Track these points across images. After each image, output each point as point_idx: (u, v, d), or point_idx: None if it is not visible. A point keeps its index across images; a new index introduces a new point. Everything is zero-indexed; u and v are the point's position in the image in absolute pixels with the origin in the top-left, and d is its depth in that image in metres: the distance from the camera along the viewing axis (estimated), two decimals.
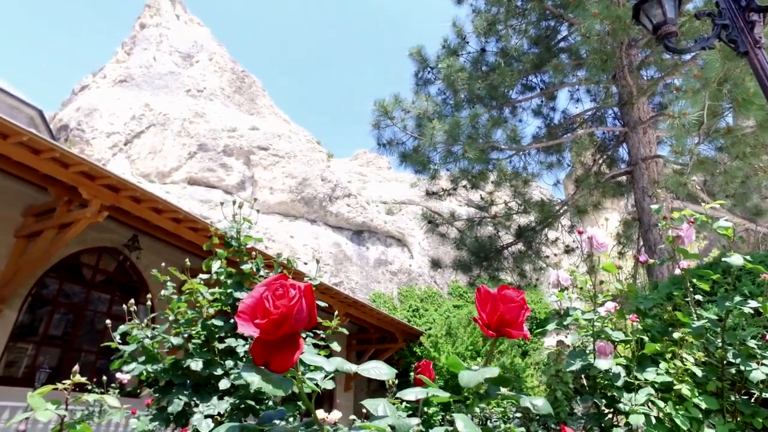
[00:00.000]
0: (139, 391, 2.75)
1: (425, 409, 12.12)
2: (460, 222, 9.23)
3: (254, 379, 0.67)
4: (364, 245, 20.91)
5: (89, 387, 8.14)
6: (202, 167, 18.86)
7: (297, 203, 19.53)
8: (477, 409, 3.75)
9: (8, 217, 9.21)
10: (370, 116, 7.62)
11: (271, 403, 2.63)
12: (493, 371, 0.80)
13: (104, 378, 4.91)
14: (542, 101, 9.81)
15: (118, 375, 5.15)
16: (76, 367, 1.73)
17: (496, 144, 7.49)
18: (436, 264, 9.70)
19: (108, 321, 2.73)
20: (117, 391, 5.06)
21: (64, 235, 8.51)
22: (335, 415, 3.80)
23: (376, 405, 0.95)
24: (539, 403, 0.86)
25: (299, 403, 2.87)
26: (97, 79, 24.61)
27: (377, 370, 0.86)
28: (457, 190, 8.93)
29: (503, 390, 0.96)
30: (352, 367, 0.84)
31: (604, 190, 7.67)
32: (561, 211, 8.30)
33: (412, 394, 0.87)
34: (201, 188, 18.37)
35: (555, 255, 9.06)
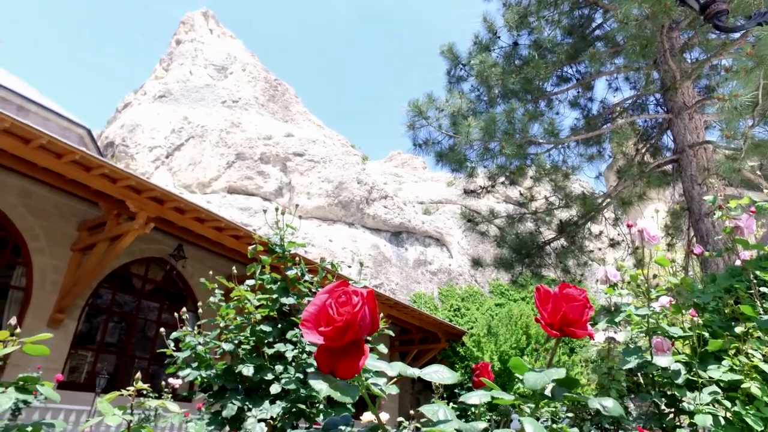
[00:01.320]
0: (193, 395, 2.82)
1: (472, 409, 12.00)
2: (499, 219, 9.09)
3: (322, 387, 0.68)
4: (402, 246, 20.91)
5: (144, 392, 8.44)
6: (241, 176, 19.30)
7: (334, 207, 19.72)
8: (527, 409, 3.67)
9: (65, 232, 9.68)
10: (404, 117, 7.60)
11: (321, 406, 2.66)
12: (560, 372, 0.78)
13: (163, 383, 5.08)
14: (579, 92, 9.56)
15: (170, 380, 5.32)
16: (138, 375, 1.79)
17: (533, 138, 7.34)
18: (476, 263, 9.58)
19: (162, 329, 2.82)
20: (170, 395, 5.22)
21: (115, 247, 8.89)
22: (382, 416, 3.80)
23: (435, 410, 0.94)
24: (609, 404, 0.83)
25: (348, 405, 2.89)
26: (138, 96, 25.58)
27: (440, 374, 0.85)
28: (495, 187, 8.80)
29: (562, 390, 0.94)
30: (415, 372, 0.83)
31: (649, 181, 7.39)
32: (604, 204, 8.05)
33: (475, 397, 0.86)
34: (240, 196, 18.81)
35: (599, 249, 8.80)
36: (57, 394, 1.43)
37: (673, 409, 1.99)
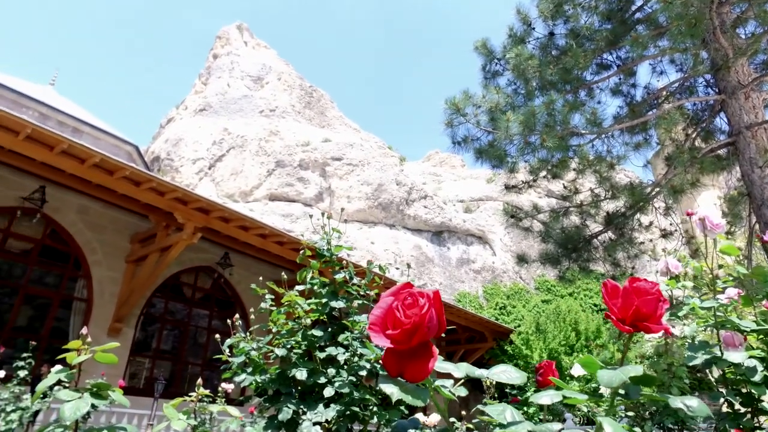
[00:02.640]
0: (248, 399, 2.88)
1: (525, 408, 11.77)
2: (543, 214, 8.88)
3: (393, 391, 0.67)
4: (444, 246, 20.77)
5: (204, 397, 8.72)
6: (281, 183, 19.68)
7: (375, 209, 19.81)
8: (585, 408, 3.56)
9: (119, 245, 10.13)
10: (441, 115, 7.54)
11: (375, 408, 2.66)
12: (637, 369, 0.75)
13: (220, 388, 5.21)
14: (620, 79, 9.23)
15: (223, 384, 5.46)
16: (200, 381, 1.83)
17: (575, 129, 7.14)
18: (522, 259, 9.40)
19: (217, 336, 2.89)
20: (223, 399, 5.36)
21: (166, 257, 9.23)
22: (434, 418, 3.77)
23: (501, 411, 0.91)
24: (694, 404, 0.78)
25: (401, 407, 2.89)
26: (180, 110, 26.50)
27: (508, 374, 0.83)
28: (537, 181, 8.61)
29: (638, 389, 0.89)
30: (483, 373, 0.81)
31: (701, 166, 7.04)
32: (653, 193, 7.73)
33: (546, 397, 0.83)
34: (281, 203, 19.17)
35: (650, 241, 8.45)
36: (126, 400, 1.48)
37: (750, 409, 1.87)
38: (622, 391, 0.82)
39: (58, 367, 4.63)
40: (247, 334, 2.90)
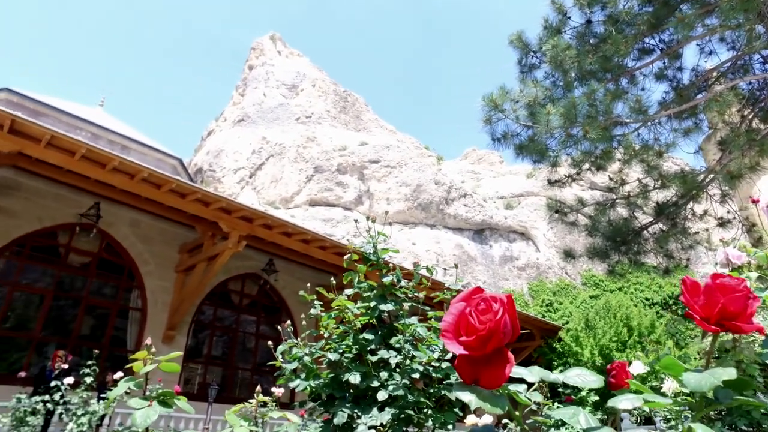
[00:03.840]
0: (303, 404, 2.91)
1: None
2: (588, 207, 8.62)
3: (471, 399, 0.65)
4: (486, 243, 20.51)
5: (251, 401, 8.91)
6: (320, 188, 19.93)
7: (414, 210, 19.77)
8: (646, 408, 3.42)
9: (169, 256, 10.51)
10: (479, 112, 7.43)
11: (429, 411, 2.64)
12: (730, 372, 0.70)
13: (272, 392, 5.29)
14: (665, 63, 8.85)
15: (274, 389, 5.55)
16: (259, 388, 1.87)
17: (618, 119, 6.89)
18: (568, 254, 9.14)
19: (270, 342, 2.94)
20: (274, 404, 5.44)
21: (213, 266, 9.50)
22: (487, 419, 3.71)
23: (573, 414, 0.88)
24: None
25: (455, 410, 2.85)
26: (220, 122, 27.27)
27: (584, 377, 0.79)
28: (581, 174, 8.36)
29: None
30: (558, 377, 0.78)
31: (761, 149, 6.65)
32: (707, 181, 7.37)
33: (626, 401, 0.79)
34: (322, 208, 19.41)
35: (706, 230, 8.05)
36: (190, 407, 1.52)
37: None
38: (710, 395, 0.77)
39: (120, 374, 4.80)
40: (298, 339, 2.93)
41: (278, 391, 5.54)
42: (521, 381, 0.89)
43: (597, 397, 10.51)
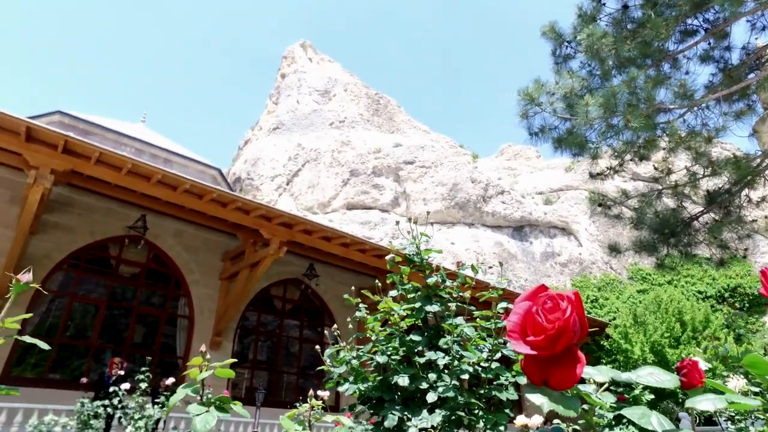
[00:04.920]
0: (353, 407, 2.92)
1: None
2: (633, 199, 8.32)
3: (542, 401, 0.63)
4: (527, 240, 20.14)
5: (297, 404, 9.04)
6: (357, 191, 20.05)
7: (452, 209, 19.63)
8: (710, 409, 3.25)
9: (213, 264, 10.80)
10: (515, 107, 7.30)
11: (480, 413, 2.60)
12: None
13: (326, 396, 5.36)
14: (710, 44, 8.45)
15: (319, 392, 5.60)
16: (311, 392, 1.88)
17: (661, 105, 6.63)
18: (613, 249, 8.85)
19: (317, 347, 2.97)
20: (320, 407, 5.48)
21: (255, 272, 9.69)
22: (537, 419, 3.62)
23: (643, 415, 0.84)
24: None
25: (506, 411, 2.80)
26: (255, 131, 27.85)
27: (656, 377, 0.76)
28: (624, 165, 8.08)
29: None
30: (630, 376, 0.75)
31: None
32: (764, 165, 6.99)
33: (707, 402, 0.74)
34: (359, 211, 19.52)
35: (766, 218, 7.62)
36: (246, 412, 1.55)
37: None
38: None
39: (172, 379, 4.96)
40: (344, 343, 2.94)
41: (324, 394, 5.60)
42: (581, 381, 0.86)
43: (652, 396, 10.12)
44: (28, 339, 0.95)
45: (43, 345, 0.98)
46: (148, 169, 7.73)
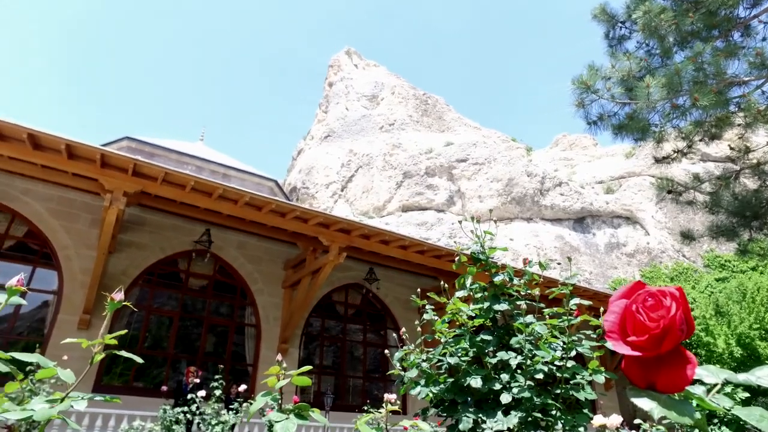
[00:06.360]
0: (426, 411, 2.90)
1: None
2: (706, 182, 7.80)
3: (651, 406, 0.59)
4: (589, 232, 19.37)
5: (366, 408, 9.09)
6: (411, 193, 20.04)
7: (508, 205, 19.23)
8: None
9: (276, 273, 11.11)
10: (569, 97, 7.02)
11: (558, 414, 2.50)
12: None
13: (388, 399, 5.38)
14: None
15: (386, 395, 5.61)
16: (387, 397, 1.88)
17: (734, 79, 6.18)
18: (686, 236, 8.32)
19: (386, 351, 2.97)
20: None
21: (317, 279, 9.87)
22: (616, 419, 3.46)
23: (762, 418, 0.76)
24: None
25: (586, 411, 2.68)
26: (308, 141, 28.47)
27: None
28: (693, 147, 7.60)
29: None
30: (749, 377, 0.68)
31: None
32: None
33: None
34: (414, 213, 19.50)
35: None
36: (324, 419, 1.56)
37: None
38: None
39: (243, 386, 5.12)
40: (412, 345, 2.93)
41: (391, 398, 5.61)
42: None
43: (747, 394, 9.39)
44: (124, 353, 1.01)
45: (137, 359, 1.03)
46: (209, 185, 8.07)
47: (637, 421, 4.24)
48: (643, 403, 0.60)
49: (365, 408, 9.04)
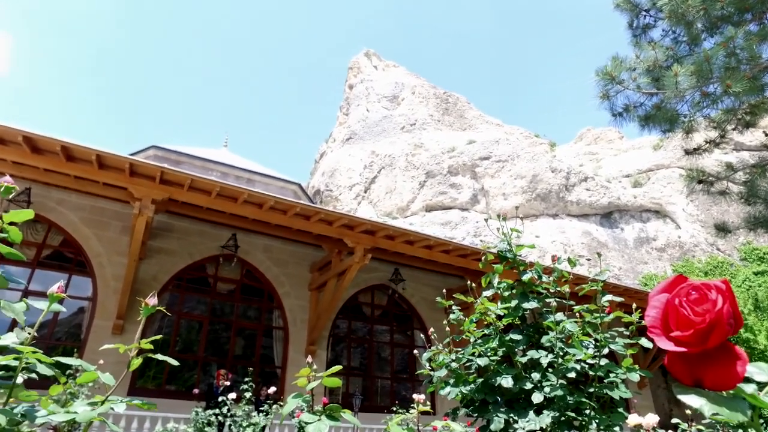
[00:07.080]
0: (456, 411, 2.87)
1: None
2: (740, 172, 7.55)
3: (701, 403, 0.56)
4: (617, 227, 18.97)
5: (394, 408, 9.07)
6: (434, 192, 19.96)
7: (533, 201, 18.97)
8: None
9: (302, 276, 11.20)
10: (593, 89, 6.88)
11: (592, 413, 2.45)
12: None
13: (417, 399, 5.37)
14: None
15: (415, 396, 5.59)
16: (417, 397, 1.86)
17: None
18: (720, 228, 8.07)
19: (416, 351, 2.96)
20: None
21: (342, 281, 9.91)
22: (652, 419, 3.37)
23: None
24: None
25: (621, 410, 2.62)
26: (330, 143, 28.63)
27: None
28: (725, 136, 7.36)
29: None
30: None
31: None
32: None
33: None
34: (438, 212, 19.41)
35: None
36: (357, 420, 1.56)
37: None
38: None
39: (273, 388, 5.17)
40: (440, 345, 2.91)
41: (419, 398, 5.59)
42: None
43: None
44: (160, 357, 1.02)
45: (173, 362, 1.05)
46: (234, 191, 8.19)
47: (674, 420, 4.12)
48: (692, 400, 0.58)
49: (394, 409, 9.04)
